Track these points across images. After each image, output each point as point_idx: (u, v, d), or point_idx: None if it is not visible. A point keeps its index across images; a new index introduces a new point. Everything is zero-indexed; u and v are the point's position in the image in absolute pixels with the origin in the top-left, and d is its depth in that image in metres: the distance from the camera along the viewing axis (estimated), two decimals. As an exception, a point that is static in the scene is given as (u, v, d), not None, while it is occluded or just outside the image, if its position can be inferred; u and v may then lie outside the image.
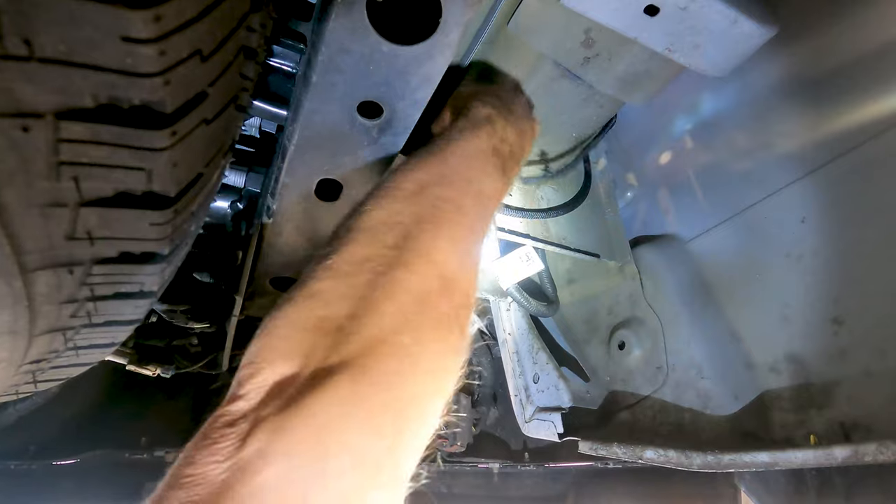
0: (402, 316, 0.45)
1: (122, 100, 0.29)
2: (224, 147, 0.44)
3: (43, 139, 0.28)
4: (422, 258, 0.49)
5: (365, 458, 0.38)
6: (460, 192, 0.57)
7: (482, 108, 0.72)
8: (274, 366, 0.41)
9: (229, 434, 0.37)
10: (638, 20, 0.85)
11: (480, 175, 0.62)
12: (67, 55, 0.25)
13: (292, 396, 0.38)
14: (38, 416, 1.56)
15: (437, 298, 0.48)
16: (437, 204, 0.54)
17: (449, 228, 0.53)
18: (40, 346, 0.52)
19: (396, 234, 0.49)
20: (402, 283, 0.46)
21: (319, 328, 0.43)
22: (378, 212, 0.52)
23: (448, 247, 0.51)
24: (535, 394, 1.41)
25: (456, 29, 0.60)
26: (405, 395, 0.42)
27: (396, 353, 0.43)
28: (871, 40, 0.93)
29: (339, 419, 0.38)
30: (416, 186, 0.55)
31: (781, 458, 0.88)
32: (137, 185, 0.34)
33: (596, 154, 1.46)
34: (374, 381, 0.41)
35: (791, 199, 1.07)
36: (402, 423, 0.41)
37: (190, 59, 0.29)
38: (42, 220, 0.32)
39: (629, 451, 1.11)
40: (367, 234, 0.50)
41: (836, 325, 0.98)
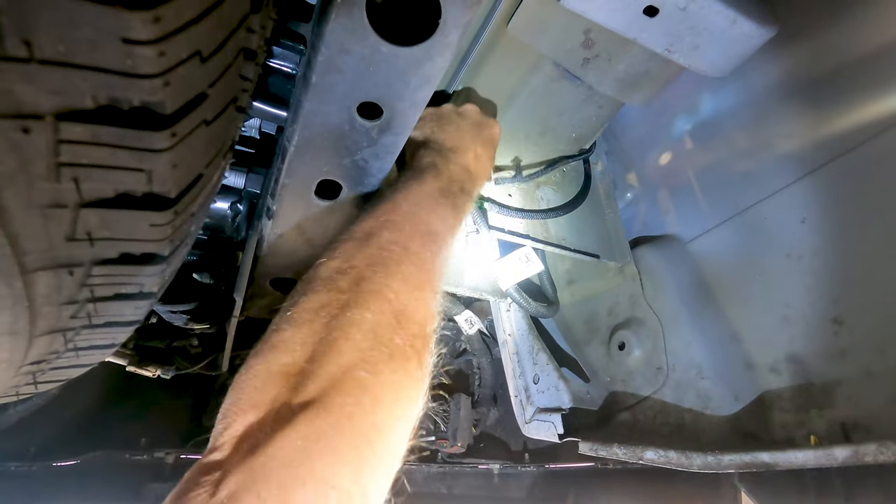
0: (359, 352, 0.48)
1: (121, 101, 0.29)
2: (224, 148, 0.44)
3: (43, 140, 0.28)
4: (373, 296, 0.52)
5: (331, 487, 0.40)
6: (407, 234, 0.62)
7: (425, 156, 0.79)
8: (244, 416, 0.44)
9: (204, 483, 0.39)
10: (637, 21, 0.85)
11: (429, 216, 0.67)
12: (67, 56, 0.25)
13: (259, 440, 0.41)
14: (39, 418, 1.56)
15: (390, 333, 0.51)
16: (385, 247, 0.58)
17: (398, 268, 0.57)
18: (40, 347, 0.52)
19: (349, 279, 0.54)
20: (355, 322, 0.50)
21: (282, 374, 0.46)
22: (333, 261, 0.57)
23: (398, 285, 0.55)
24: (536, 395, 1.41)
25: (455, 30, 0.60)
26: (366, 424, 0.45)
27: (355, 387, 0.46)
28: (871, 40, 0.93)
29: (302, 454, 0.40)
30: (365, 234, 0.60)
31: (782, 459, 0.88)
32: (137, 187, 0.34)
33: (596, 155, 1.46)
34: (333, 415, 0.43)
35: (791, 199, 1.08)
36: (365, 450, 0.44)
37: (190, 61, 0.29)
38: (42, 221, 0.33)
39: (629, 452, 1.11)
40: (323, 282, 0.54)
41: (837, 326, 0.98)
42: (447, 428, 1.75)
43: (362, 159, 0.75)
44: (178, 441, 1.68)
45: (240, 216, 0.99)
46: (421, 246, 0.62)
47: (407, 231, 0.62)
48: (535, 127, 1.16)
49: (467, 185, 0.80)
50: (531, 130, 1.16)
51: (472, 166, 0.83)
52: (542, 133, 1.18)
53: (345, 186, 0.80)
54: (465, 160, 0.82)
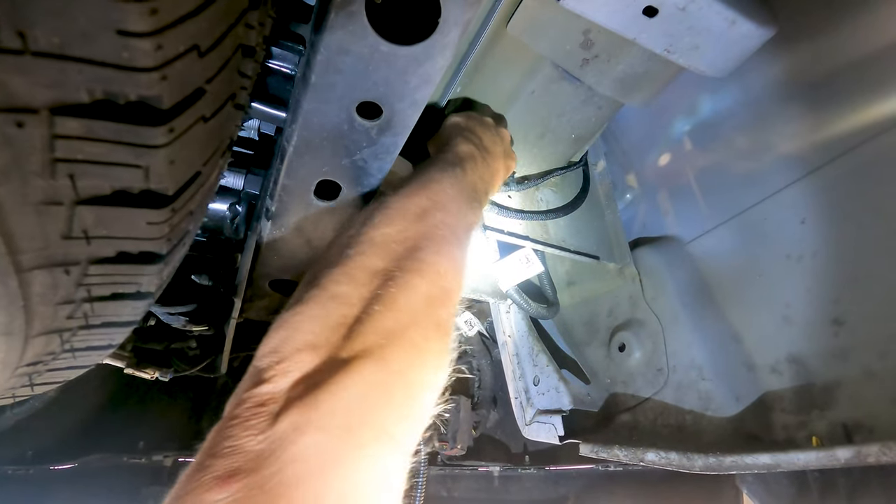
0: (413, 316, 0.51)
1: (117, 95, 0.28)
2: (222, 146, 0.43)
3: (38, 135, 0.27)
4: (428, 268, 0.56)
5: (384, 432, 0.44)
6: (455, 218, 0.66)
7: (464, 144, 0.82)
8: (299, 354, 0.47)
9: (261, 412, 0.42)
10: (637, 21, 0.85)
11: (467, 206, 0.71)
12: (62, 48, 0.25)
13: (320, 379, 0.44)
14: (36, 421, 1.56)
15: (439, 304, 0.55)
16: (437, 225, 0.62)
17: (447, 247, 0.60)
18: (36, 348, 0.51)
19: (405, 248, 0.57)
20: (415, 287, 0.53)
21: (341, 324, 0.49)
22: (387, 228, 0.60)
23: (447, 262, 0.59)
24: (536, 396, 1.40)
25: (455, 29, 0.59)
26: (415, 382, 0.49)
27: (409, 346, 0.49)
28: (870, 41, 0.93)
29: (364, 398, 0.44)
30: (420, 210, 0.63)
31: (783, 460, 0.87)
32: (134, 183, 0.34)
33: (596, 156, 1.46)
34: (392, 369, 0.47)
35: (791, 200, 1.07)
36: (414, 404, 0.48)
37: (187, 55, 0.29)
38: (37, 219, 0.32)
39: (630, 454, 1.11)
40: (380, 247, 0.57)
41: (837, 326, 0.97)
42: (447, 430, 1.75)
43: (362, 159, 0.75)
44: (177, 444, 1.68)
45: (238, 217, 0.98)
46: (464, 233, 0.66)
47: (454, 216, 0.66)
48: (534, 128, 1.16)
49: (489, 187, 0.84)
50: (530, 132, 1.16)
51: (494, 176, 0.87)
52: (542, 135, 1.17)
53: (344, 187, 0.79)
54: (495, 165, 0.86)
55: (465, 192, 0.73)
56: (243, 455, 0.39)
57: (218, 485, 0.37)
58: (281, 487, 0.37)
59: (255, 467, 0.38)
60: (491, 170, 0.85)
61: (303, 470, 0.39)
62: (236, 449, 0.40)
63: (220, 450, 0.40)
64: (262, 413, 0.42)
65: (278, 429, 0.41)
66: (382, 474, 0.43)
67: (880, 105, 0.93)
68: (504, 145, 0.94)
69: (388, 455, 0.44)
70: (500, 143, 0.93)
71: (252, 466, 0.38)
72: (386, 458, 0.44)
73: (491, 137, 0.91)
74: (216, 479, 0.38)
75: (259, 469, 0.38)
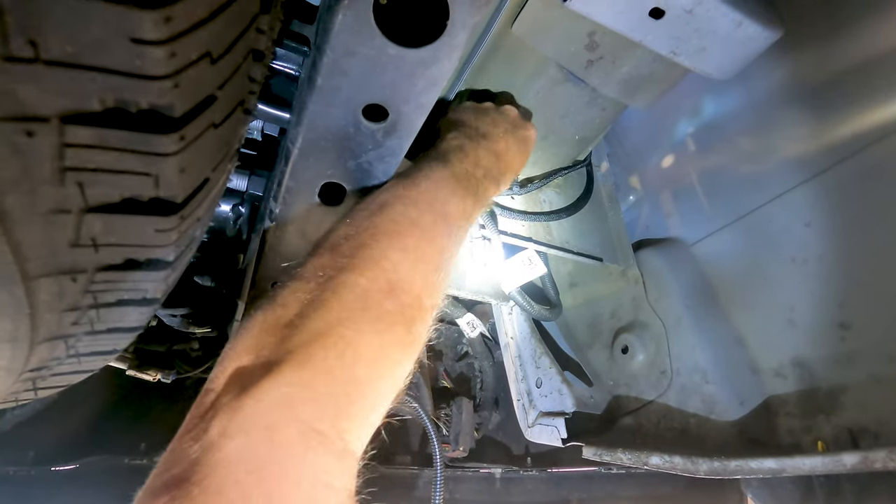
0: (347, 311, 0.51)
1: (129, 103, 0.28)
2: (231, 151, 0.43)
3: (48, 144, 0.27)
4: (370, 263, 0.55)
5: (311, 429, 0.44)
6: (420, 210, 0.64)
7: (454, 138, 0.81)
8: (237, 360, 0.48)
9: (199, 422, 0.43)
10: (643, 23, 0.85)
11: (447, 196, 0.69)
12: (74, 57, 0.24)
13: (246, 384, 0.44)
14: (38, 422, 1.55)
15: (381, 298, 0.54)
16: (395, 219, 0.61)
17: (401, 240, 0.59)
18: (41, 353, 0.51)
19: (352, 246, 0.57)
20: (347, 284, 0.53)
21: (273, 326, 0.50)
22: (342, 228, 0.60)
23: (398, 255, 0.57)
24: (538, 398, 1.40)
25: (463, 31, 0.59)
26: (345, 377, 0.48)
27: (337, 343, 0.49)
28: (877, 44, 0.93)
29: (286, 398, 0.44)
30: (379, 205, 0.63)
31: (789, 465, 0.87)
32: (144, 191, 0.33)
33: (599, 157, 1.46)
34: (315, 366, 0.47)
35: (795, 202, 1.07)
36: (343, 400, 0.47)
37: (200, 62, 0.28)
38: (45, 227, 0.32)
39: (634, 457, 1.10)
40: (328, 247, 0.58)
41: (843, 330, 0.97)
42: (449, 432, 1.74)
43: (367, 162, 0.74)
44: (178, 445, 1.67)
45: (242, 219, 0.98)
46: (431, 223, 0.64)
47: (420, 207, 0.64)
48: (538, 129, 1.15)
49: (494, 170, 0.81)
50: (534, 133, 1.16)
51: (501, 154, 0.84)
52: (545, 136, 1.17)
53: (349, 189, 0.79)
54: (495, 147, 0.83)
55: (443, 183, 0.71)
56: (178, 465, 0.40)
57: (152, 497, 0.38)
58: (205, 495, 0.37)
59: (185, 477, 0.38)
60: (493, 151, 0.83)
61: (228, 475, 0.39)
62: (175, 460, 0.40)
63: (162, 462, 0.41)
64: (202, 421, 0.43)
65: (209, 436, 0.41)
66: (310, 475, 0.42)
67: (886, 108, 0.93)
68: (509, 122, 0.91)
69: (318, 455, 0.43)
70: (503, 121, 0.90)
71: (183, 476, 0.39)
72: (316, 457, 0.43)
73: (489, 120, 0.88)
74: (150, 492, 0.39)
75: (189, 478, 0.38)
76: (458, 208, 0.70)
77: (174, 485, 0.38)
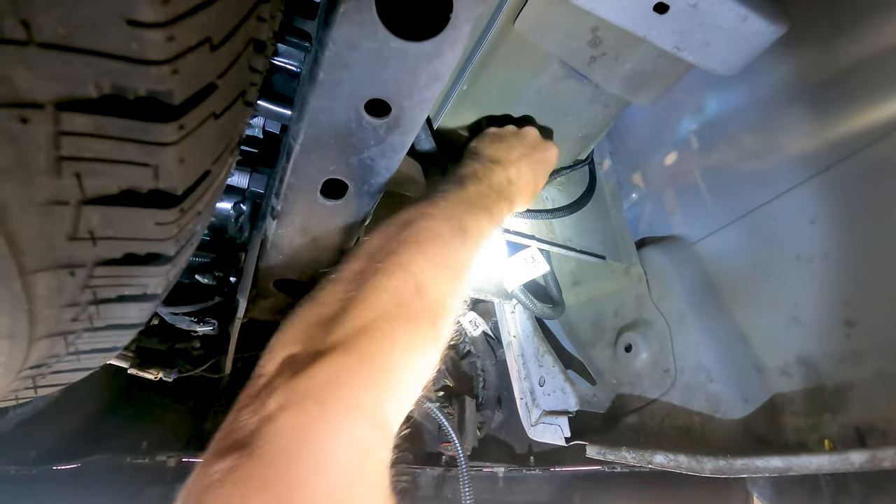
0: (382, 310, 0.59)
1: (127, 90, 0.27)
2: (232, 144, 0.42)
3: (43, 132, 0.26)
4: (400, 269, 0.64)
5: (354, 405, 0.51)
6: (440, 225, 0.73)
7: (469, 165, 0.90)
8: (287, 349, 0.56)
9: (255, 399, 0.50)
10: (647, 18, 0.84)
11: (462, 214, 0.78)
12: (68, 39, 0.23)
13: (298, 368, 0.52)
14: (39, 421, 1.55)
15: (411, 297, 0.63)
16: (418, 232, 0.70)
17: (425, 249, 0.68)
18: (41, 350, 0.50)
19: (384, 254, 0.66)
20: (381, 285, 0.62)
21: (318, 321, 0.58)
22: (374, 239, 0.70)
23: (423, 261, 0.66)
24: (541, 397, 1.39)
25: (467, 24, 0.58)
26: (383, 365, 0.56)
27: (375, 335, 0.57)
28: (882, 40, 0.92)
29: (334, 380, 0.52)
30: (404, 222, 0.71)
31: (796, 464, 0.86)
32: (143, 183, 0.33)
33: (601, 155, 1.45)
34: (358, 355, 0.55)
35: (800, 199, 1.06)
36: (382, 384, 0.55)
37: (199, 48, 0.28)
38: (42, 219, 0.31)
39: (638, 456, 1.10)
40: (361, 255, 0.67)
41: (849, 328, 0.96)
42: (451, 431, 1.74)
43: (369, 158, 0.74)
44: (180, 445, 1.67)
45: (243, 216, 0.97)
46: (450, 236, 0.73)
47: (440, 222, 0.73)
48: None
49: (507, 192, 0.90)
50: (537, 130, 1.15)
51: (514, 179, 0.93)
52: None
53: (351, 186, 0.78)
54: (507, 173, 0.92)
55: (459, 202, 0.80)
56: (240, 433, 0.47)
57: (219, 457, 0.45)
58: (266, 456, 0.44)
59: (248, 442, 0.45)
60: (504, 177, 0.91)
61: (285, 441, 0.46)
62: (235, 429, 0.48)
63: (224, 431, 0.49)
64: (257, 399, 0.50)
65: (267, 409, 0.48)
66: (355, 443, 0.50)
67: (891, 104, 0.92)
68: (525, 146, 0.99)
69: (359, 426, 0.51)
70: (519, 146, 0.98)
71: (246, 441, 0.45)
72: (358, 428, 0.51)
73: (504, 147, 0.97)
74: (217, 453, 0.46)
75: (251, 443, 0.45)
76: (474, 224, 0.78)
77: (238, 447, 0.45)
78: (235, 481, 0.43)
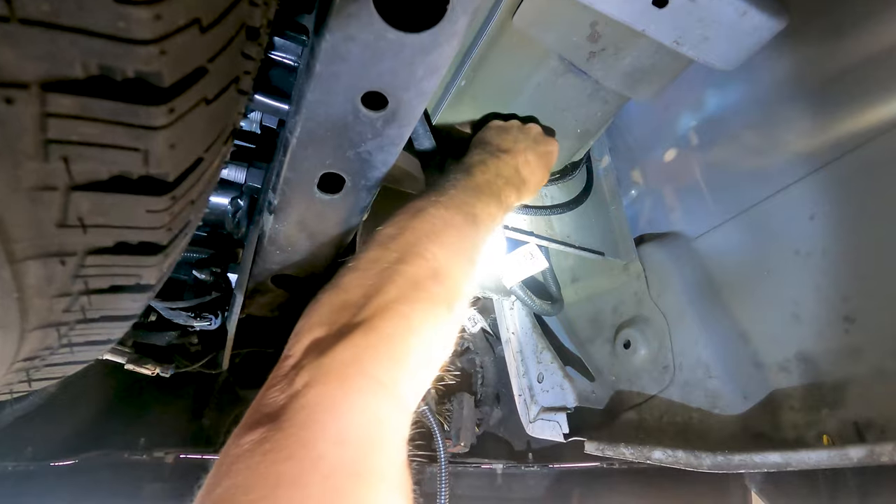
0: (402, 293, 0.63)
1: (114, 70, 0.27)
2: (225, 133, 0.42)
3: (28, 113, 0.26)
4: (415, 255, 0.68)
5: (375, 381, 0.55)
6: (452, 213, 0.76)
7: (477, 154, 0.94)
8: (312, 332, 0.59)
9: (283, 378, 0.54)
10: (646, 12, 0.83)
11: (473, 201, 0.82)
12: (53, 16, 0.23)
13: (323, 349, 0.56)
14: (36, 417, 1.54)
15: (428, 283, 0.66)
16: (431, 221, 0.73)
17: (438, 236, 0.72)
18: (33, 342, 0.50)
19: (399, 242, 0.69)
20: (400, 271, 0.65)
21: (342, 306, 0.62)
22: (388, 229, 0.72)
23: (438, 249, 0.70)
24: (540, 394, 1.39)
25: (464, 16, 0.58)
26: (402, 343, 0.60)
27: (394, 317, 0.60)
28: (883, 37, 0.91)
29: (356, 358, 0.55)
30: (416, 210, 0.75)
31: (794, 459, 0.86)
32: (133, 168, 0.32)
33: (600, 151, 1.44)
34: (378, 334, 0.58)
35: (800, 195, 1.06)
36: (401, 360, 0.59)
37: (188, 29, 0.27)
38: (30, 205, 0.30)
39: (637, 452, 1.09)
40: (378, 244, 0.70)
41: (848, 324, 0.96)
42: (450, 427, 1.74)
43: (366, 151, 0.73)
44: (178, 441, 1.66)
45: (240, 212, 0.97)
46: (462, 223, 0.77)
47: (451, 210, 0.77)
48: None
49: (514, 180, 0.94)
50: (536, 126, 1.14)
51: (521, 168, 0.96)
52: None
53: (348, 180, 0.78)
54: (515, 161, 0.95)
55: (468, 190, 0.83)
56: (269, 408, 0.51)
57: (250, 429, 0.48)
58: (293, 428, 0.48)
59: (277, 416, 0.49)
60: (512, 164, 0.95)
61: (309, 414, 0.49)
62: (265, 405, 0.52)
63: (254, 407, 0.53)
64: (284, 378, 0.54)
65: (294, 387, 0.52)
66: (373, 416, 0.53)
67: (891, 100, 0.92)
68: (529, 139, 1.02)
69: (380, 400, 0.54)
70: (524, 139, 1.01)
71: (274, 416, 0.49)
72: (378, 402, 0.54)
73: (511, 138, 1.00)
74: (247, 426, 0.49)
75: (279, 417, 0.49)
76: (484, 212, 0.82)
77: (267, 420, 0.49)
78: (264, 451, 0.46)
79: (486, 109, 1.07)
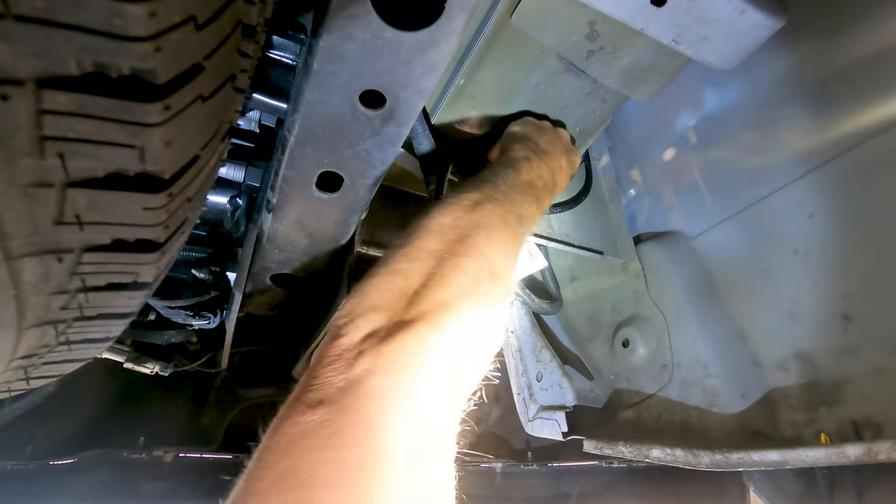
0: (461, 290, 0.63)
1: (109, 67, 0.27)
2: (222, 130, 0.42)
3: (24, 110, 0.26)
4: (476, 252, 0.67)
5: (435, 380, 0.56)
6: (506, 210, 0.76)
7: (521, 149, 0.93)
8: (367, 315, 0.58)
9: (339, 359, 0.54)
10: (644, 11, 0.83)
11: (522, 199, 0.82)
12: (48, 13, 0.23)
13: (386, 335, 0.56)
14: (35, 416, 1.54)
15: (486, 282, 0.66)
16: (488, 216, 0.73)
17: (497, 235, 0.71)
18: (30, 340, 0.50)
19: (457, 234, 0.69)
20: (461, 266, 0.65)
21: (401, 293, 0.61)
22: (443, 217, 0.71)
23: (496, 247, 0.70)
24: (539, 392, 1.39)
25: (461, 15, 0.58)
26: (463, 343, 0.61)
27: (456, 314, 0.61)
28: (881, 36, 0.91)
29: (419, 352, 0.56)
30: (473, 202, 0.74)
31: (792, 457, 0.86)
32: (129, 165, 0.32)
33: (599, 150, 1.44)
34: (440, 331, 0.58)
35: (798, 194, 1.06)
36: (459, 360, 0.59)
37: (183, 26, 0.27)
38: (26, 202, 0.30)
39: (635, 450, 1.09)
40: (435, 233, 0.69)
41: (846, 322, 0.96)
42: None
43: (364, 150, 0.73)
44: (177, 440, 1.66)
45: (239, 210, 0.97)
46: (515, 222, 0.77)
47: (506, 207, 0.77)
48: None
49: (549, 183, 0.94)
50: (534, 125, 1.14)
51: (556, 172, 0.96)
52: (546, 128, 1.16)
53: (346, 178, 0.78)
54: (552, 165, 0.96)
55: (517, 188, 0.83)
56: (328, 389, 0.51)
57: (311, 409, 0.49)
58: (355, 414, 0.49)
59: (338, 399, 0.50)
60: (550, 167, 0.95)
61: (371, 402, 0.50)
62: (323, 385, 0.52)
63: (311, 386, 0.52)
64: (342, 359, 0.54)
65: (354, 371, 0.52)
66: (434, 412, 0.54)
67: (889, 100, 0.92)
68: (563, 144, 1.03)
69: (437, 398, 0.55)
70: (559, 143, 1.02)
71: (335, 398, 0.50)
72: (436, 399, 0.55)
73: (548, 139, 1.00)
74: (308, 405, 0.49)
75: (340, 400, 0.50)
76: (529, 211, 0.83)
77: (327, 403, 0.49)
78: (328, 435, 0.47)
79: (484, 108, 1.07)
